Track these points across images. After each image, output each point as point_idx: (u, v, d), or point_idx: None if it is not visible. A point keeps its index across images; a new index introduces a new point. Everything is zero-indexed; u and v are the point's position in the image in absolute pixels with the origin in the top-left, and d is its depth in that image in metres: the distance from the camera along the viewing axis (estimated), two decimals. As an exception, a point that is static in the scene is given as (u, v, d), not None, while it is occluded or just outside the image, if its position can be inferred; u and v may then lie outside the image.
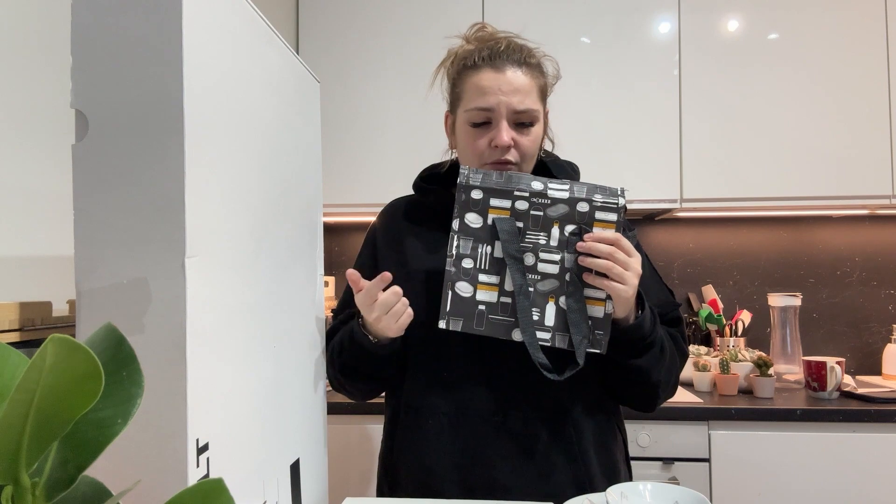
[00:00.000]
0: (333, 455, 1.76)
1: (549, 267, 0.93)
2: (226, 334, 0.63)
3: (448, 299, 0.93)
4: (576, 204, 0.93)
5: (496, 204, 0.94)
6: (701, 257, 2.40)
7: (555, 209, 0.93)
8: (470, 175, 0.95)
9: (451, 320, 0.93)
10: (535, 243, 0.93)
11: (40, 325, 0.77)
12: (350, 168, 2.17)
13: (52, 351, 0.31)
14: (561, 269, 0.93)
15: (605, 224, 0.93)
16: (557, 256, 0.93)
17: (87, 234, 0.55)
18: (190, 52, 0.56)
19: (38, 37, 1.11)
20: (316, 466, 0.93)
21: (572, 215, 0.93)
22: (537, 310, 0.93)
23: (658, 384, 1.00)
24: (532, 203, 0.93)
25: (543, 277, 0.93)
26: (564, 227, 0.93)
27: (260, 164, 0.74)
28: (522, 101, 0.98)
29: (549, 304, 0.93)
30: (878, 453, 1.72)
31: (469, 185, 0.94)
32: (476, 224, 0.94)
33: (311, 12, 2.21)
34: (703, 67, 2.08)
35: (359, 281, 0.95)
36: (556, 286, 0.93)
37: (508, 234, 0.93)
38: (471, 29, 1.07)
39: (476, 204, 0.94)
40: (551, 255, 0.93)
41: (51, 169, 1.10)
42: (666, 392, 1.04)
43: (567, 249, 0.92)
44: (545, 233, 0.93)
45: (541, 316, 0.93)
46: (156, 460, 0.54)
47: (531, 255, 0.93)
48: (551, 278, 0.93)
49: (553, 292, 0.93)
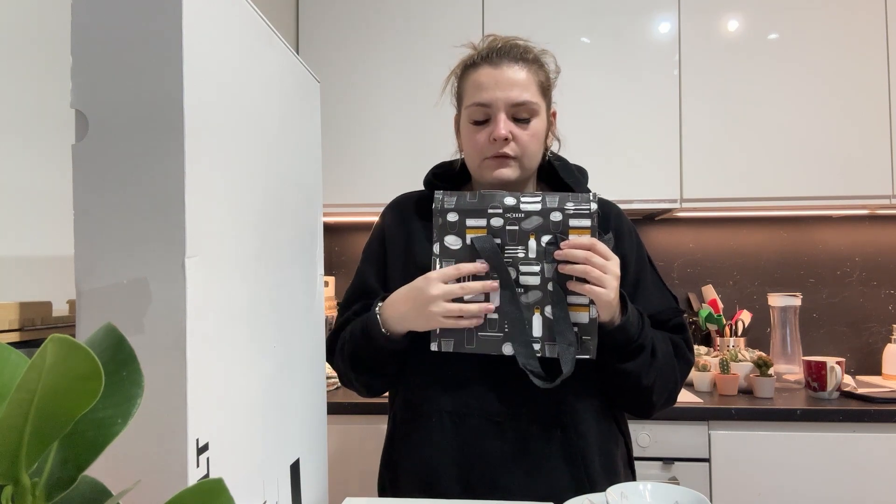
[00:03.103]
0: (333, 455, 1.76)
1: (531, 279, 0.94)
2: (226, 334, 0.63)
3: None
4: (549, 214, 0.94)
5: (472, 224, 0.96)
6: (701, 257, 2.39)
7: (529, 222, 0.94)
8: (444, 199, 0.97)
9: (441, 342, 0.95)
10: (514, 257, 0.94)
11: (40, 325, 0.77)
12: (350, 168, 2.17)
13: (52, 351, 0.31)
14: (542, 280, 0.94)
15: (580, 230, 0.93)
16: (537, 268, 0.94)
17: (87, 234, 0.55)
18: (190, 52, 0.56)
19: (38, 37, 1.11)
20: (316, 466, 0.93)
21: (547, 225, 0.94)
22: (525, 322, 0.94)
23: (650, 389, 0.99)
24: (507, 218, 0.95)
25: (527, 290, 0.94)
26: (541, 238, 0.94)
27: (260, 164, 0.74)
28: (520, 95, 0.99)
29: (535, 315, 0.94)
30: (878, 453, 1.72)
31: (444, 208, 0.97)
32: (455, 245, 0.96)
33: (311, 12, 2.21)
34: (703, 67, 2.08)
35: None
36: (539, 297, 0.94)
37: (491, 252, 0.94)
38: (483, 41, 1.08)
39: (453, 226, 0.96)
40: (531, 266, 0.94)
41: (51, 169, 1.11)
42: (661, 397, 1.02)
43: (546, 260, 0.94)
44: (523, 246, 0.94)
45: (528, 327, 0.94)
46: (156, 460, 0.54)
47: (512, 269, 0.94)
48: (534, 290, 0.94)
49: (537, 303, 0.94)
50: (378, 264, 1.11)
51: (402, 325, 0.97)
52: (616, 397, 1.05)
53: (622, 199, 1.78)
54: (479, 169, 1.04)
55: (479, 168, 1.04)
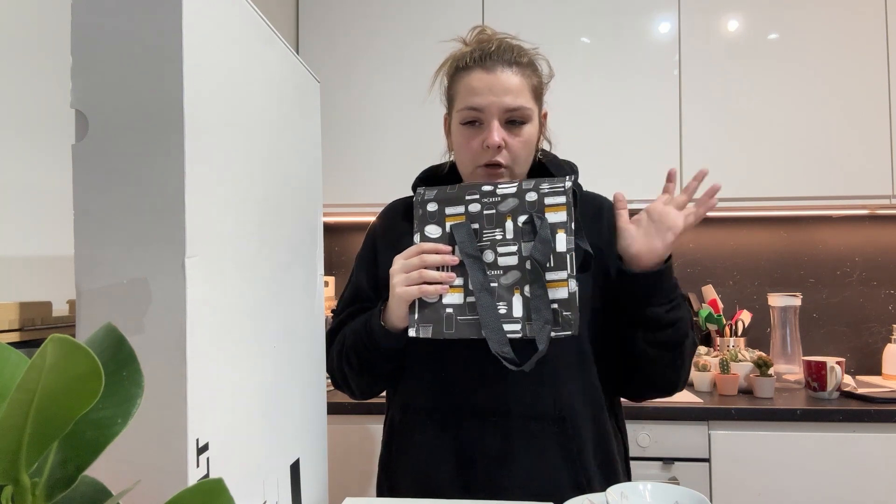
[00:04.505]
0: (333, 455, 1.76)
1: (509, 259, 0.94)
2: (226, 334, 0.63)
3: (416, 307, 0.95)
4: (525, 195, 0.95)
5: (451, 212, 0.97)
6: (701, 257, 2.39)
7: (505, 204, 0.95)
8: (425, 193, 0.99)
9: (420, 328, 0.94)
10: (492, 240, 0.95)
11: (40, 325, 0.77)
12: (350, 168, 2.17)
13: (52, 351, 0.31)
14: (520, 259, 0.94)
15: (555, 208, 0.94)
16: (514, 248, 0.94)
17: (87, 233, 0.55)
18: (190, 51, 0.56)
19: (38, 37, 1.11)
20: (316, 466, 0.93)
21: (523, 206, 0.95)
22: (504, 303, 0.93)
23: (688, 346, 0.99)
24: (484, 203, 0.96)
25: (506, 271, 0.94)
26: (517, 219, 0.95)
27: (260, 164, 0.74)
28: (514, 100, 0.98)
29: (514, 295, 0.93)
30: (878, 453, 1.72)
31: (424, 200, 0.99)
32: (435, 234, 0.97)
33: (311, 12, 2.21)
34: (703, 67, 2.08)
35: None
36: (518, 277, 0.94)
37: (465, 235, 0.95)
38: (471, 32, 1.07)
39: (433, 216, 0.98)
40: (508, 247, 0.94)
41: (51, 169, 1.11)
42: (687, 364, 1.02)
43: (523, 239, 0.94)
44: (500, 228, 0.95)
45: (508, 309, 0.93)
46: (156, 460, 0.54)
47: (490, 251, 0.95)
48: (513, 270, 0.94)
49: (517, 283, 0.94)
50: (370, 270, 1.12)
51: (391, 316, 0.97)
52: (649, 369, 1.01)
53: (622, 199, 1.77)
54: (472, 176, 1.04)
55: (471, 175, 1.04)
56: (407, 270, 0.94)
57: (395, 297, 0.95)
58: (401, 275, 0.94)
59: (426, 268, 0.93)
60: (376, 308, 1.01)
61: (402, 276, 0.94)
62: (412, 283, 0.93)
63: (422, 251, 0.94)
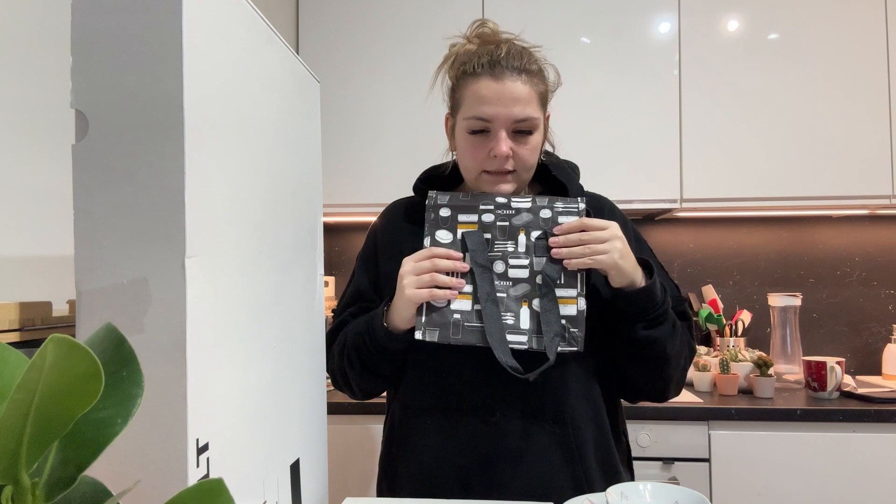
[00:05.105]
0: (333, 455, 1.76)
1: (520, 272, 0.96)
2: (226, 334, 0.63)
3: (423, 311, 0.95)
4: (539, 211, 0.97)
5: (464, 219, 0.98)
6: (701, 257, 2.40)
7: (519, 218, 0.97)
8: (437, 197, 1.00)
9: (427, 331, 0.95)
10: (503, 251, 0.96)
11: (40, 325, 0.77)
12: (350, 168, 2.17)
13: (52, 351, 0.31)
14: (531, 273, 0.95)
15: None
16: (526, 261, 0.96)
17: (87, 233, 0.55)
18: (190, 52, 0.56)
19: (38, 37, 1.11)
20: (316, 466, 0.93)
21: (537, 222, 0.96)
22: (512, 314, 0.95)
23: (672, 360, 0.99)
24: (498, 215, 0.98)
25: (515, 283, 0.96)
26: (530, 234, 0.96)
27: (260, 163, 0.74)
28: (523, 111, 0.97)
29: (522, 308, 0.95)
30: (878, 453, 1.72)
31: (437, 204, 1.00)
32: (446, 240, 0.98)
33: (311, 12, 2.21)
34: (703, 67, 2.08)
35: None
36: (528, 290, 0.95)
37: (477, 244, 0.96)
38: (471, 27, 1.06)
39: (445, 221, 0.99)
40: (520, 260, 0.96)
41: (51, 169, 1.11)
42: (677, 374, 1.03)
43: (535, 254, 0.95)
44: (512, 241, 0.97)
45: (515, 320, 0.94)
46: (156, 460, 0.54)
47: (501, 262, 0.96)
48: (522, 283, 0.95)
49: (526, 296, 0.95)
50: (371, 270, 1.12)
51: (395, 317, 0.97)
52: (634, 375, 1.03)
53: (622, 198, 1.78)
54: (476, 181, 1.03)
55: (475, 180, 1.03)
56: (418, 273, 0.94)
57: (403, 298, 0.94)
58: (411, 277, 0.94)
59: (437, 272, 0.93)
60: (379, 308, 1.01)
61: (413, 279, 0.94)
62: (423, 285, 0.93)
63: (433, 255, 0.94)
